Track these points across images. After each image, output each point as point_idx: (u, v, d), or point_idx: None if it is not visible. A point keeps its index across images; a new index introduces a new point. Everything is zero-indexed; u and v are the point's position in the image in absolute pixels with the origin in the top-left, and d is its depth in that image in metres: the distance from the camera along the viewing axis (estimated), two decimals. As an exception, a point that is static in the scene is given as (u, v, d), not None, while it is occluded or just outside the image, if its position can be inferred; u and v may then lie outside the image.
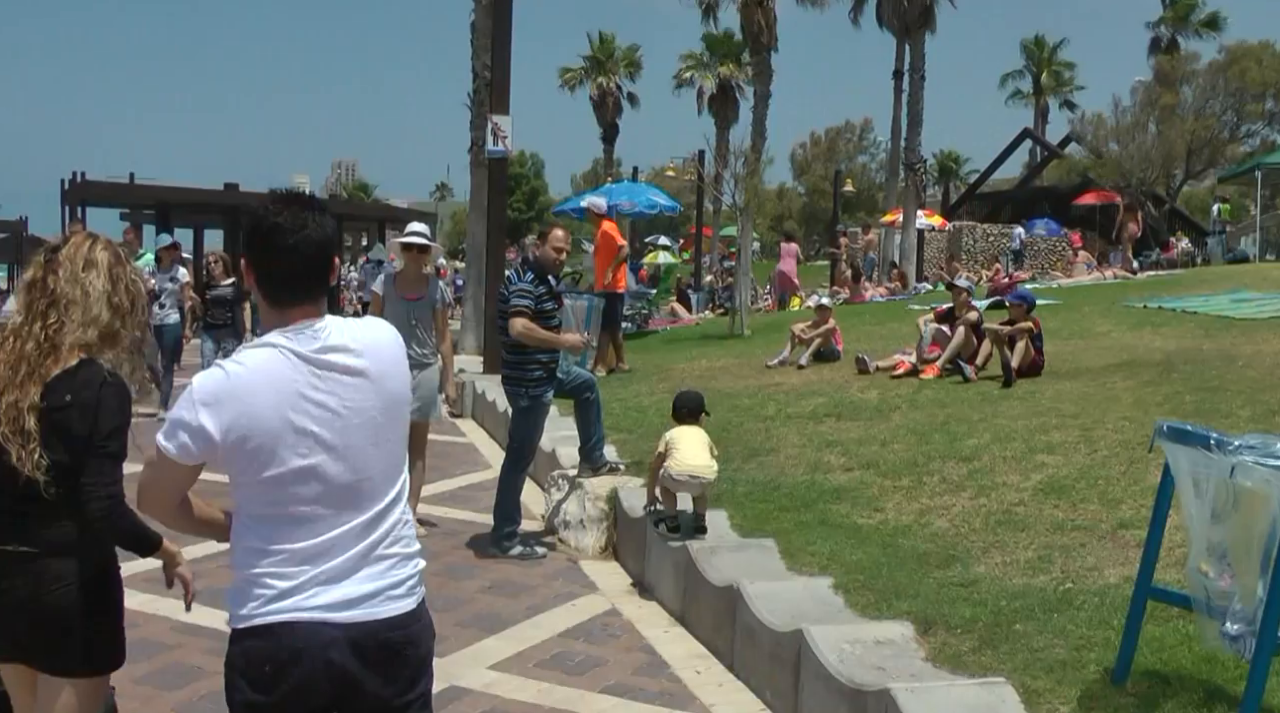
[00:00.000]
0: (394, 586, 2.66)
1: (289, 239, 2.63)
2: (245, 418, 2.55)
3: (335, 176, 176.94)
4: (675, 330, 21.78)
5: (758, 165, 20.03)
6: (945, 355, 11.40)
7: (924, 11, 31.87)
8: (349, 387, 2.63)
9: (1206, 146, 35.29)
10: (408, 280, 8.12)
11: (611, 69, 51.43)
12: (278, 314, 2.66)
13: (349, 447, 2.62)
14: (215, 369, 2.63)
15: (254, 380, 2.58)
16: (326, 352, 2.62)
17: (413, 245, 8.11)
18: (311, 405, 2.59)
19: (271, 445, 2.57)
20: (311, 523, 2.60)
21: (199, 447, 2.58)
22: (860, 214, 56.71)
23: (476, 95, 18.55)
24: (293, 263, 2.64)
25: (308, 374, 2.60)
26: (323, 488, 2.60)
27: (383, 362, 2.71)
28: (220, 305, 13.58)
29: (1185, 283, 19.57)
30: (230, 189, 32.60)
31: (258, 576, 2.60)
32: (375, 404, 2.67)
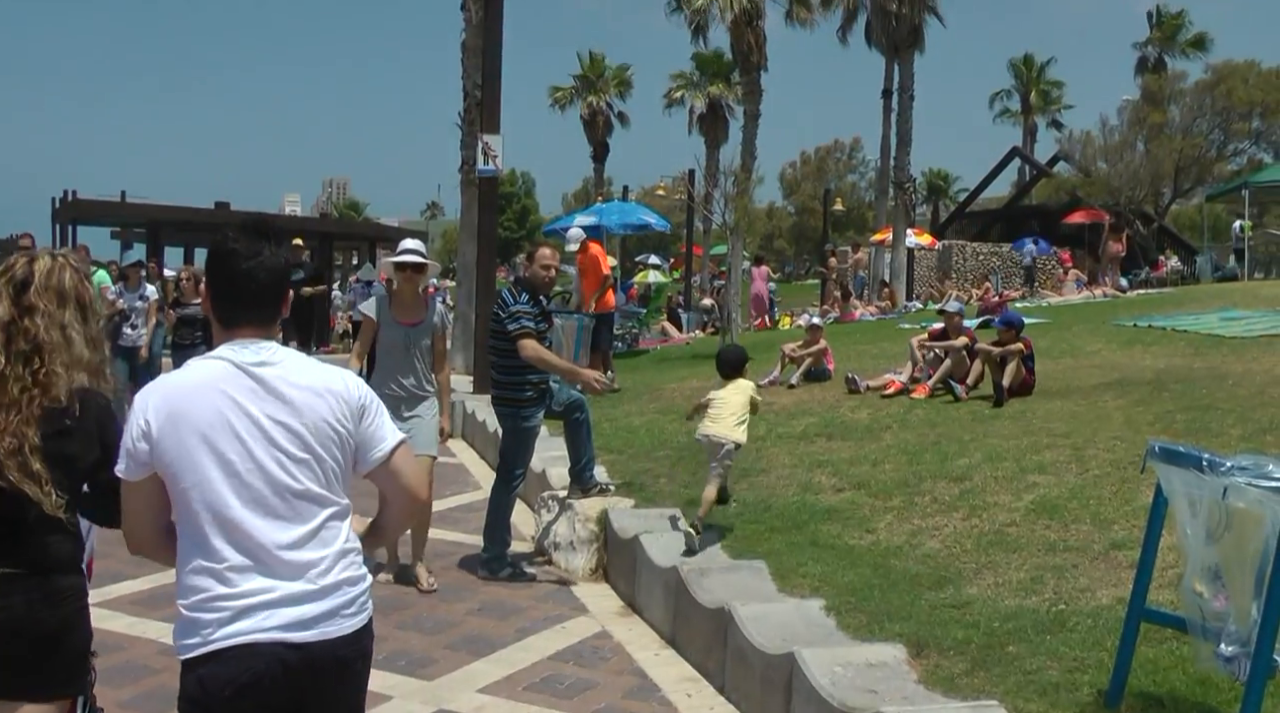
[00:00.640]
0: (346, 604, 2.72)
1: (243, 265, 2.76)
2: (176, 422, 2.64)
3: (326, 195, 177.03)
4: (666, 350, 21.76)
5: (748, 184, 20.05)
6: (936, 376, 11.41)
7: (913, 31, 31.97)
8: (282, 401, 2.71)
9: (1194, 165, 35.46)
10: (404, 303, 7.37)
11: (602, 88, 51.55)
12: (226, 334, 2.79)
13: (278, 458, 2.69)
14: (158, 379, 2.76)
15: (189, 384, 2.70)
16: (263, 366, 2.72)
17: (406, 265, 7.38)
18: (244, 414, 2.67)
19: (197, 451, 2.64)
20: (242, 536, 2.64)
21: (140, 451, 2.65)
22: (850, 232, 56.86)
23: (467, 114, 18.55)
24: (245, 287, 2.76)
25: (244, 383, 2.69)
26: (253, 495, 2.65)
27: (315, 390, 2.76)
28: (190, 325, 13.09)
29: (1175, 301, 19.61)
30: (221, 208, 32.57)
31: (199, 598, 2.64)
32: (306, 421, 2.73)
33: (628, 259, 41.18)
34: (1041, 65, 61.48)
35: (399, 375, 7.19)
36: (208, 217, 32.37)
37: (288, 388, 2.73)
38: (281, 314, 2.87)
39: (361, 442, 2.82)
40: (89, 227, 36.47)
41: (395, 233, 54.96)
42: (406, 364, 7.20)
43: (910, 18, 31.49)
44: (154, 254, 32.09)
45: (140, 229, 34.65)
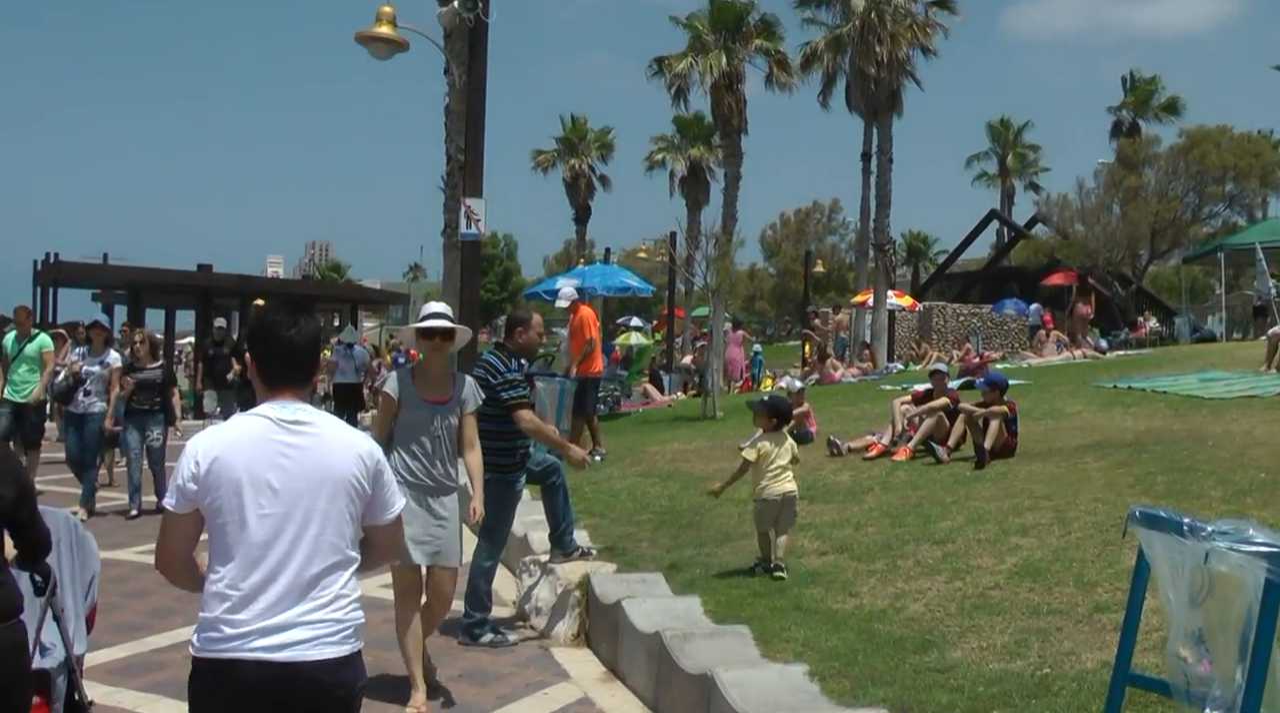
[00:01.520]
0: (330, 634, 3.11)
1: (283, 333, 3.24)
2: (221, 467, 3.08)
3: (309, 257, 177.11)
4: (648, 412, 21.75)
5: (729, 247, 20.16)
6: (917, 437, 11.44)
7: (891, 95, 32.39)
8: (307, 453, 3.15)
9: (1170, 227, 35.82)
10: (430, 378, 6.29)
11: (584, 151, 51.91)
12: (268, 394, 3.24)
13: (298, 504, 3.12)
14: (210, 428, 3.27)
15: (234, 436, 3.15)
16: (297, 424, 3.17)
17: (434, 331, 6.23)
18: (277, 462, 3.12)
19: (239, 492, 3.08)
20: (263, 568, 3.07)
21: (189, 490, 3.09)
22: (831, 294, 57.16)
23: (450, 178, 18.64)
24: (284, 353, 3.25)
25: (280, 438, 3.14)
26: (273, 535, 3.09)
27: (335, 445, 3.22)
28: (147, 390, 12.25)
29: (1154, 362, 19.73)
30: (204, 270, 32.58)
31: (213, 618, 3.07)
32: (324, 475, 3.16)
33: (610, 321, 41.23)
34: (1018, 129, 62.27)
35: (425, 462, 6.14)
36: (190, 279, 32.38)
37: (319, 445, 3.18)
38: (315, 376, 3.47)
39: (373, 502, 3.28)
40: (71, 289, 36.40)
41: (377, 295, 55.17)
42: (434, 449, 6.14)
43: (889, 82, 31.94)
44: (135, 316, 32.06)
45: (122, 291, 34.58)
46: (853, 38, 32.08)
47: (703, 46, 31.41)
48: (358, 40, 14.33)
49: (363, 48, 14.53)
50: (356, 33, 14.29)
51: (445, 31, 17.23)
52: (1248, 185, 37.32)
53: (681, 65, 31.54)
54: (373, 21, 14.29)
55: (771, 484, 7.76)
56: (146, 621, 7.84)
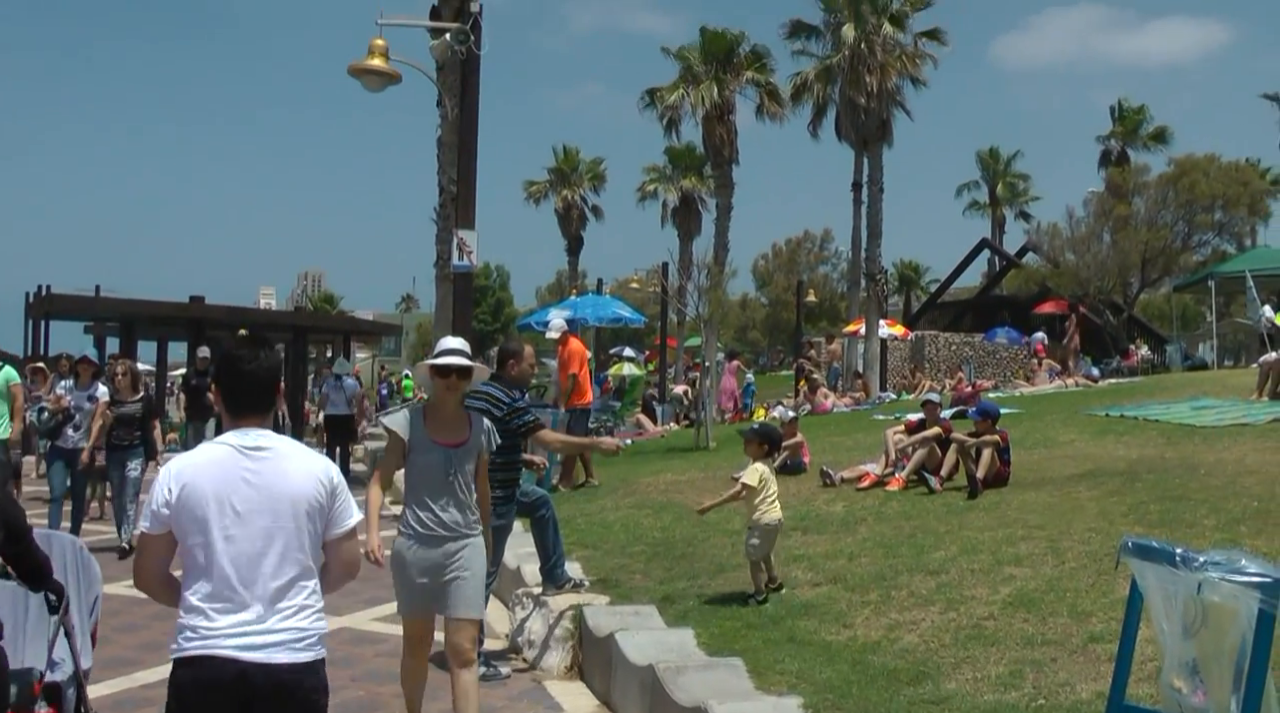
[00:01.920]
0: (295, 640, 3.43)
1: (245, 366, 3.59)
2: (190, 491, 3.43)
3: (301, 288, 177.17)
4: (641, 443, 21.70)
5: (721, 277, 20.23)
6: (909, 467, 11.44)
7: (881, 125, 32.56)
8: (268, 476, 3.48)
9: (1161, 256, 35.91)
10: (443, 419, 5.75)
11: (576, 182, 52.01)
12: (233, 422, 3.58)
13: (262, 524, 3.45)
14: (179, 455, 3.60)
15: (201, 462, 3.50)
16: (259, 450, 3.51)
17: (449, 368, 5.74)
18: (240, 486, 3.45)
19: (207, 514, 3.41)
20: (232, 582, 3.40)
21: (163, 514, 3.43)
22: (823, 324, 57.17)
23: (443, 209, 18.72)
24: (245, 385, 3.61)
25: (243, 464, 3.48)
26: (239, 552, 3.41)
27: (294, 468, 3.55)
28: (127, 424, 11.96)
29: (1146, 390, 19.77)
30: (196, 302, 32.49)
31: (189, 622, 3.41)
32: (284, 496, 3.49)
33: (602, 351, 41.19)
34: (1008, 158, 62.48)
35: (438, 510, 5.59)
36: (182, 311, 32.28)
37: (280, 468, 3.51)
38: (276, 405, 3.74)
39: (330, 518, 3.60)
40: (62, 321, 36.28)
41: (369, 326, 55.06)
42: (447, 495, 5.61)
43: (879, 112, 32.11)
44: (127, 349, 31.97)
45: (114, 324, 34.49)
46: (843, 68, 32.26)
47: (694, 78, 31.60)
48: (351, 73, 14.35)
49: (356, 80, 14.55)
50: (349, 65, 14.31)
51: (438, 64, 17.34)
52: (1237, 214, 37.46)
53: (673, 97, 31.71)
54: (365, 54, 14.31)
55: (770, 510, 7.82)
56: (138, 655, 7.80)
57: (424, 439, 5.66)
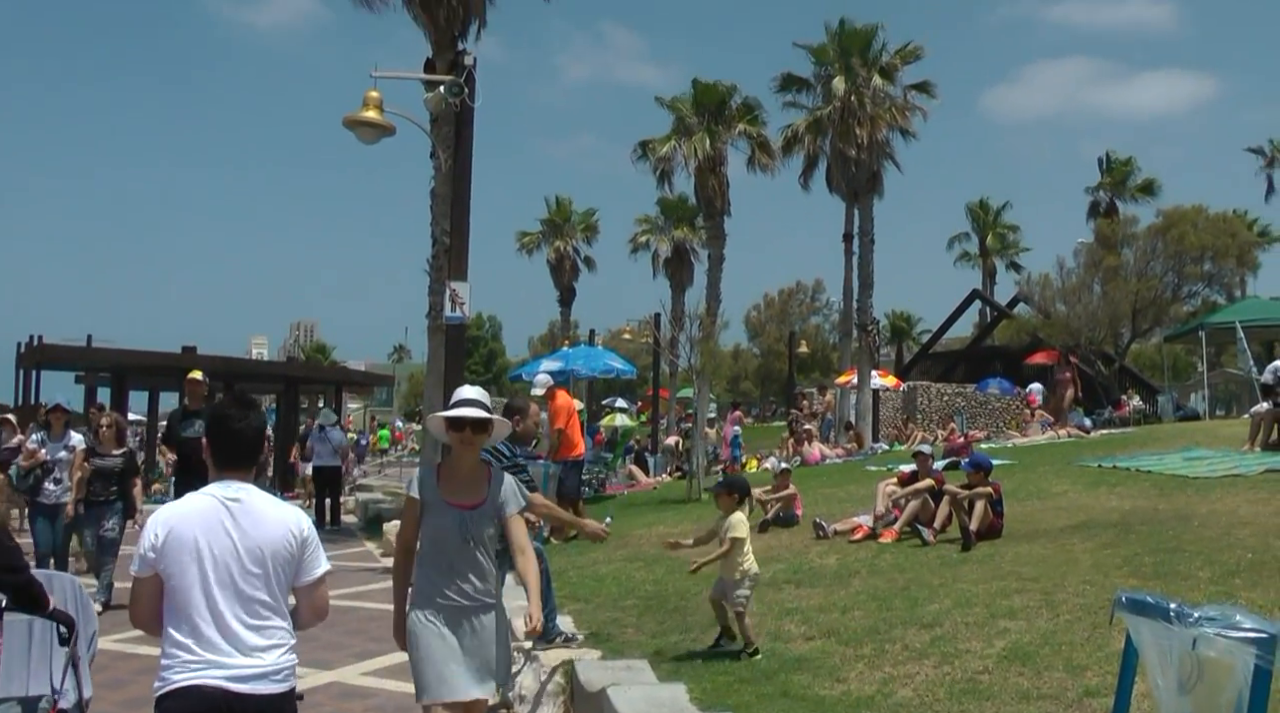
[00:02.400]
0: (270, 674, 3.76)
1: (235, 425, 3.96)
2: (175, 538, 3.76)
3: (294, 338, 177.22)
4: (633, 495, 21.66)
5: (713, 328, 20.24)
6: (902, 519, 11.42)
7: (871, 177, 32.77)
8: (245, 526, 3.81)
9: (1151, 306, 36.08)
10: (459, 477, 5.19)
11: (569, 233, 52.21)
12: (218, 474, 3.93)
13: (238, 569, 3.77)
14: (167, 504, 3.93)
15: (184, 511, 3.83)
16: (238, 502, 3.85)
17: (464, 421, 5.16)
18: (220, 537, 3.78)
19: (189, 560, 3.74)
20: (211, 622, 3.73)
21: (149, 558, 3.76)
22: (815, 374, 57.28)
23: (435, 261, 18.73)
24: (233, 442, 3.97)
25: (223, 514, 3.81)
26: (218, 595, 3.74)
27: (269, 519, 3.88)
28: (105, 478, 11.35)
29: (1138, 441, 19.76)
30: (188, 352, 32.45)
31: (174, 658, 3.72)
32: (260, 544, 3.82)
33: (594, 402, 41.17)
34: (997, 209, 62.89)
35: (454, 577, 5.04)
36: (174, 361, 32.19)
37: (255, 519, 3.84)
38: (259, 461, 4.09)
39: (300, 566, 3.93)
40: (54, 371, 36.22)
41: (361, 377, 55.01)
42: (464, 561, 5.06)
43: (869, 164, 32.33)
44: (118, 399, 31.90)
45: (105, 373, 34.42)
46: (833, 120, 32.52)
47: (686, 129, 31.81)
48: (345, 125, 14.45)
49: (350, 131, 14.63)
50: (344, 117, 14.41)
51: (431, 116, 17.43)
52: (1225, 265, 37.70)
53: (665, 148, 31.90)
54: (360, 106, 14.41)
55: (752, 562, 7.83)
56: (121, 712, 7.70)
57: (437, 500, 5.12)
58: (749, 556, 7.87)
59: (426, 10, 19.24)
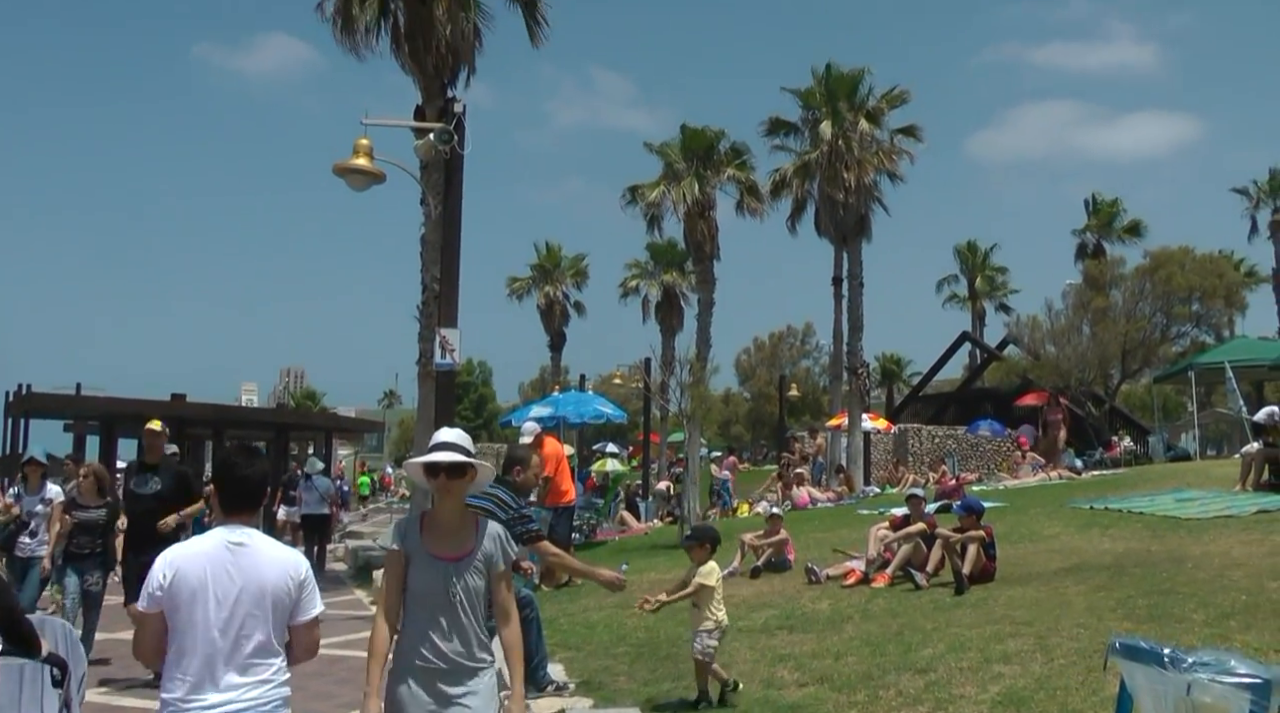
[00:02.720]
0: (263, 705, 4.02)
1: (240, 472, 4.25)
2: (181, 577, 4.01)
3: (284, 385, 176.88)
4: (625, 540, 21.56)
5: (703, 373, 20.25)
6: (894, 564, 11.38)
7: (859, 221, 32.89)
8: (246, 568, 4.07)
9: (1140, 347, 36.17)
10: (442, 528, 4.68)
11: (559, 278, 52.26)
12: (225, 518, 4.20)
13: (238, 608, 4.02)
14: (175, 546, 4.18)
15: (191, 553, 4.08)
16: (241, 545, 4.11)
17: (438, 466, 4.68)
18: (222, 578, 4.03)
19: (192, 598, 4.00)
20: (210, 657, 3.98)
21: (157, 596, 4.01)
22: (806, 417, 57.22)
23: (426, 307, 18.74)
24: (239, 488, 4.25)
25: (226, 556, 4.07)
26: (218, 632, 3.99)
27: (268, 561, 4.14)
28: (88, 531, 10.79)
29: (1129, 482, 19.76)
30: (178, 400, 32.39)
31: (172, 698, 3.96)
32: (258, 585, 4.07)
33: (585, 447, 41.08)
34: (986, 252, 63.12)
35: (436, 637, 4.54)
36: (163, 409, 32.11)
37: (255, 561, 4.10)
38: (262, 505, 4.40)
39: (296, 607, 4.17)
40: (43, 420, 36.11)
41: (351, 423, 54.83)
42: (448, 619, 4.57)
43: (857, 208, 32.47)
44: (107, 448, 31.77)
45: (94, 422, 34.30)
46: (820, 164, 32.68)
47: (675, 175, 31.92)
48: (336, 172, 14.45)
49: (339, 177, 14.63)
50: (334, 165, 14.42)
51: (421, 163, 17.50)
52: (1213, 305, 37.87)
53: (654, 193, 32.00)
54: (350, 153, 14.44)
55: (723, 613, 7.76)
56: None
57: (420, 552, 4.62)
58: (720, 606, 7.78)
59: (415, 58, 19.36)
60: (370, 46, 19.90)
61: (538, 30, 20.41)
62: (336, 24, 19.59)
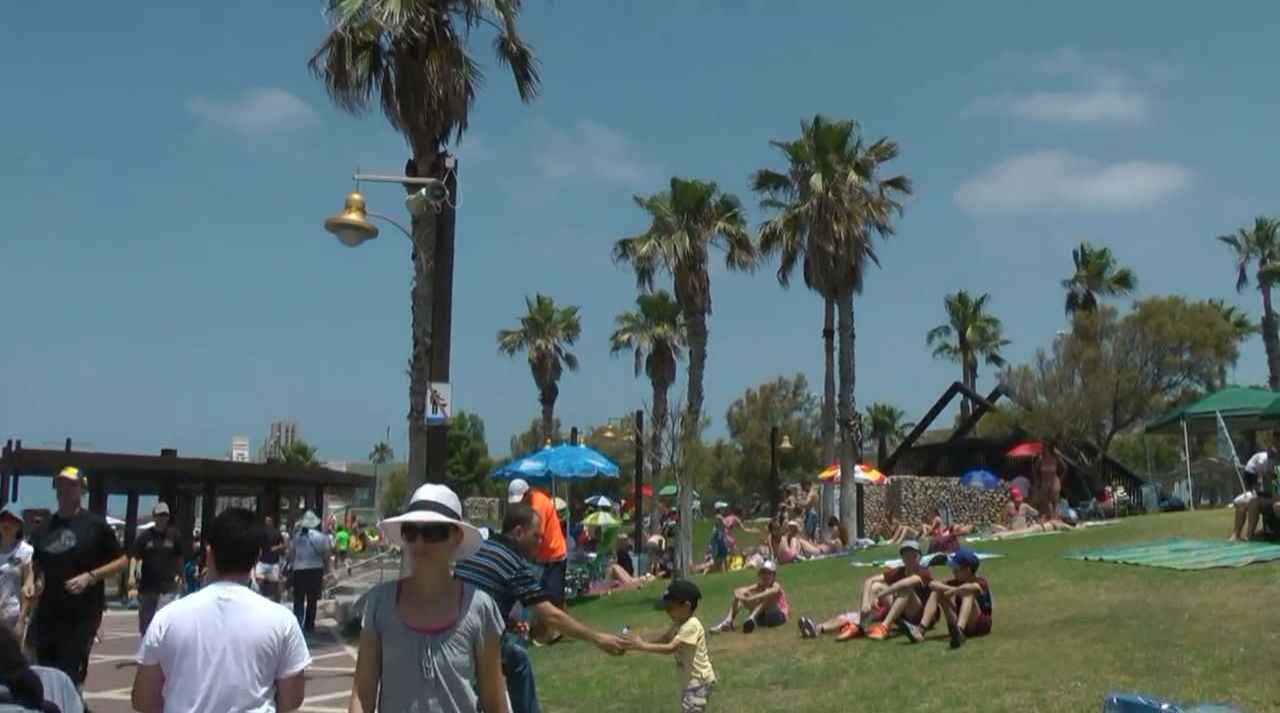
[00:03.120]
0: None
1: (234, 535, 4.63)
2: (174, 631, 4.33)
3: (275, 439, 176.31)
4: (617, 595, 21.41)
5: (695, 426, 20.20)
6: (889, 617, 11.29)
7: (850, 272, 32.98)
8: (235, 624, 4.35)
9: (1132, 397, 36.18)
10: (421, 595, 4.24)
11: (550, 331, 52.30)
12: (217, 575, 4.51)
13: (226, 661, 4.29)
14: (172, 603, 4.59)
15: (185, 609, 4.43)
16: (230, 601, 4.42)
17: (414, 527, 4.22)
18: (213, 630, 4.33)
19: (185, 651, 4.29)
20: (203, 704, 4.25)
21: (154, 649, 4.32)
22: (798, 470, 57.11)
23: (417, 362, 18.69)
24: (233, 550, 4.61)
25: (216, 612, 4.38)
26: (209, 683, 4.27)
27: (256, 617, 4.41)
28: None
29: (1124, 533, 19.69)
30: (168, 455, 32.29)
31: None
32: (246, 640, 4.34)
33: (577, 501, 40.89)
34: (976, 302, 63.29)
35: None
36: (154, 464, 32.06)
37: (242, 617, 4.38)
38: (253, 565, 4.87)
39: (282, 660, 4.42)
40: (32, 476, 35.89)
41: (342, 478, 54.64)
42: (425, 700, 4.08)
43: (847, 260, 32.57)
44: (97, 504, 31.59)
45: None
46: (810, 217, 32.81)
47: (665, 228, 32.02)
48: (328, 228, 14.45)
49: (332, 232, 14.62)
50: (326, 220, 14.42)
51: (413, 218, 17.53)
52: (1204, 355, 37.96)
53: (645, 247, 32.07)
54: (342, 208, 14.44)
55: (709, 670, 7.58)
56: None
57: (395, 624, 4.18)
58: (705, 663, 7.62)
59: (407, 114, 19.46)
60: (362, 102, 19.99)
61: (528, 86, 20.52)
62: (330, 79, 19.68)
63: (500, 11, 20.00)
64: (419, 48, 19.39)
